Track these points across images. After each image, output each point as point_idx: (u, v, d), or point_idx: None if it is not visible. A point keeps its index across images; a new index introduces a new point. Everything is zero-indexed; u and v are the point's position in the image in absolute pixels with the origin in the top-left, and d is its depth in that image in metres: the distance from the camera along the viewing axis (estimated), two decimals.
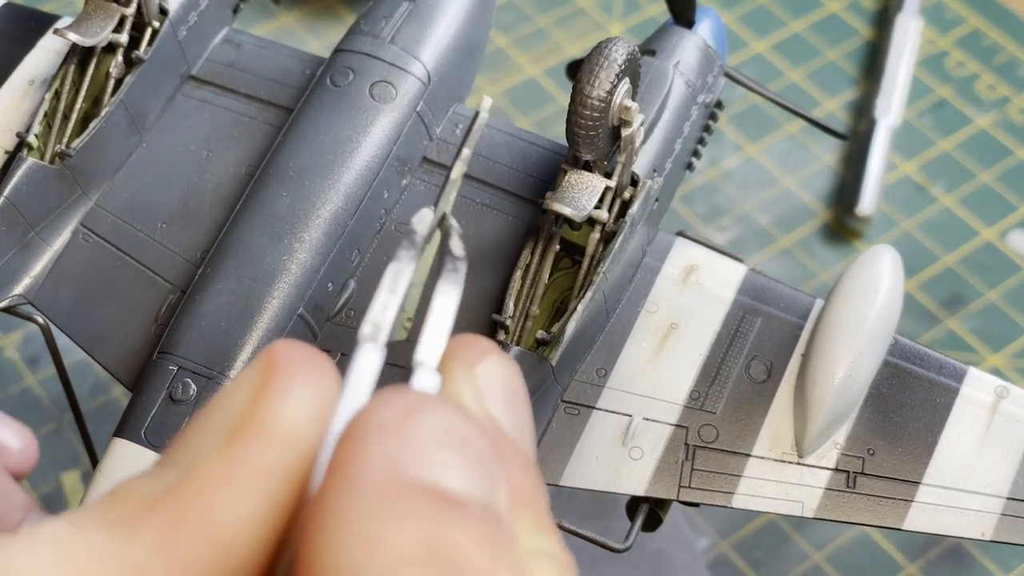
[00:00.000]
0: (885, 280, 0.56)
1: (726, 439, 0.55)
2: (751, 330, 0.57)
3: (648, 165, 0.58)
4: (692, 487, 0.54)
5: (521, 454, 0.30)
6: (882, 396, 0.56)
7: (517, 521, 0.29)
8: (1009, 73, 1.02)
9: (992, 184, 0.97)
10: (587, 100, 0.53)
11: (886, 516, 0.54)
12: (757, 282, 0.58)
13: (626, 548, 0.54)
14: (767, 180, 0.96)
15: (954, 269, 0.92)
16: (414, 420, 0.28)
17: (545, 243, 0.56)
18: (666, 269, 0.59)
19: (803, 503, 0.54)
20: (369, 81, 0.59)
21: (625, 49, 0.53)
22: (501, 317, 0.54)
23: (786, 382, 0.56)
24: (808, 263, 0.93)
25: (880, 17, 1.05)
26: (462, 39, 0.62)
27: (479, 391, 0.31)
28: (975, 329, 0.90)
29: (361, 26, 0.62)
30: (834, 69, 1.02)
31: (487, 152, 0.61)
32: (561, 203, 0.55)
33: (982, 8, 1.06)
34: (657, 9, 1.03)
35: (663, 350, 0.57)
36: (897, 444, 0.55)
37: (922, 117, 1.00)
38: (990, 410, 0.56)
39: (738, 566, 0.80)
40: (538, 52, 1.02)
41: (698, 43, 0.62)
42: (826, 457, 0.55)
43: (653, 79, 0.59)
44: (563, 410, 0.55)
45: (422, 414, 0.28)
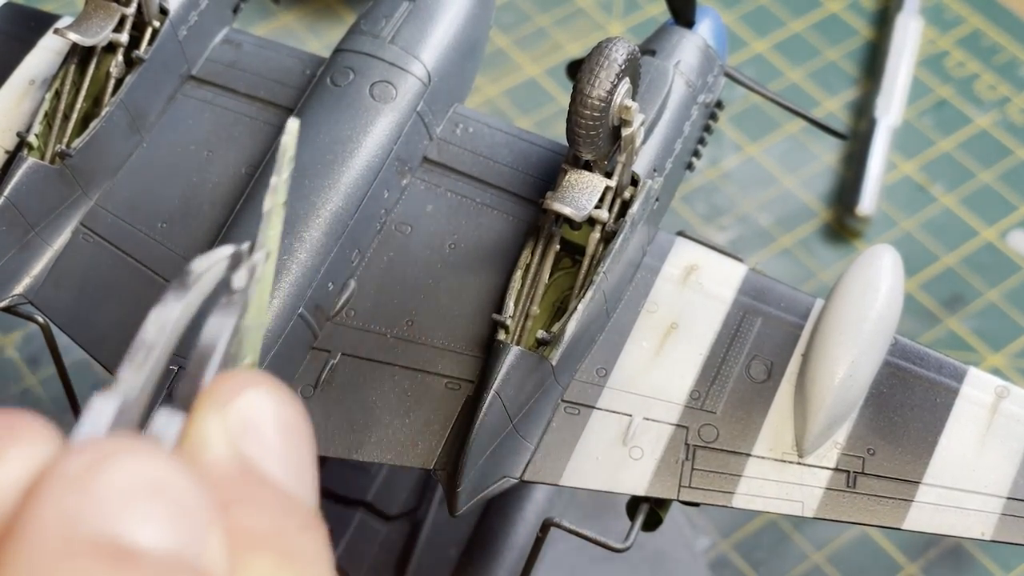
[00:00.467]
0: (885, 280, 0.56)
1: (726, 439, 0.55)
2: (751, 330, 0.57)
3: (648, 165, 0.58)
4: (692, 487, 0.54)
5: (274, 490, 0.29)
6: (882, 396, 0.56)
7: (249, 565, 0.27)
8: (1009, 73, 1.02)
9: (992, 184, 0.97)
10: (587, 100, 0.53)
11: (886, 516, 0.54)
12: (757, 282, 0.58)
13: (626, 548, 0.54)
14: (767, 180, 0.96)
15: (954, 269, 0.92)
16: (100, 470, 0.25)
17: (545, 243, 0.56)
18: (666, 269, 0.59)
19: (803, 503, 0.54)
20: (369, 81, 0.59)
21: (625, 49, 0.53)
22: (501, 317, 0.54)
23: (786, 382, 0.56)
24: (808, 263, 0.93)
25: (880, 17, 1.05)
26: (462, 39, 0.62)
27: (229, 430, 0.29)
28: (975, 329, 0.90)
29: (361, 26, 0.62)
30: (834, 69, 1.02)
31: (487, 152, 0.61)
32: (561, 203, 0.55)
33: (982, 8, 1.06)
34: (657, 9, 1.03)
35: (663, 350, 0.57)
36: (897, 444, 0.55)
37: (922, 117, 1.00)
38: (990, 410, 0.56)
39: (738, 566, 0.80)
40: (538, 52, 1.02)
41: (698, 43, 0.62)
42: (826, 457, 0.55)
43: (653, 79, 0.59)
44: (563, 410, 0.55)
45: (111, 463, 0.26)
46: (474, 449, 0.52)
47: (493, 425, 0.52)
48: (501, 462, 0.53)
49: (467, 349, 0.55)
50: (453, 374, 0.55)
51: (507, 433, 0.53)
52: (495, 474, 0.53)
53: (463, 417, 0.54)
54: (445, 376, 0.55)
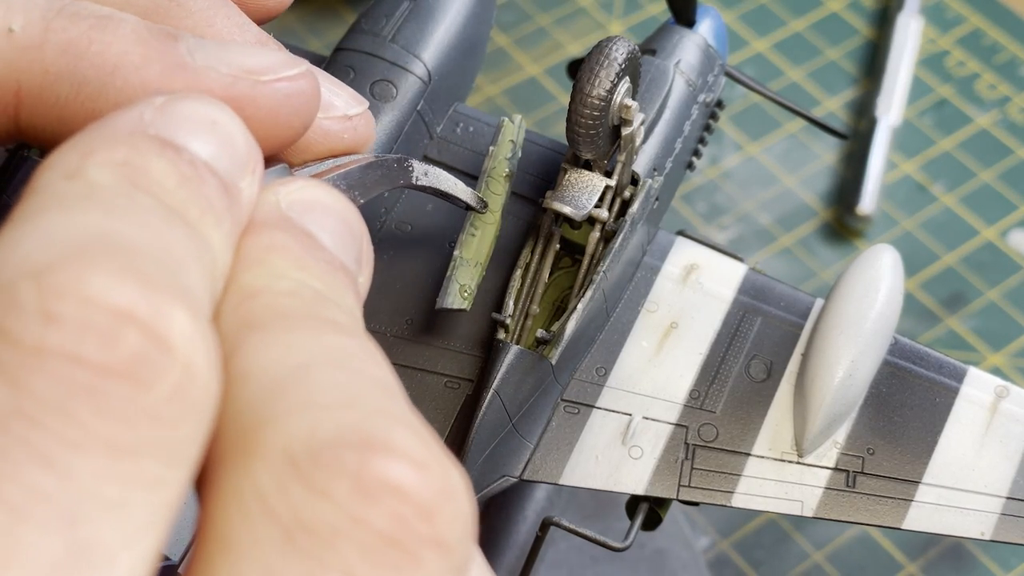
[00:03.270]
0: (885, 279, 0.56)
1: (726, 438, 0.55)
2: (751, 329, 0.57)
3: (648, 164, 0.58)
4: (692, 486, 0.54)
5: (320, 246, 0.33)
6: (882, 395, 0.56)
7: (267, 259, 0.32)
8: (1010, 72, 1.02)
9: (993, 183, 0.97)
10: (587, 99, 0.53)
11: (886, 516, 0.54)
12: (757, 281, 0.58)
13: (626, 547, 0.54)
14: (768, 179, 0.96)
15: (955, 268, 0.92)
16: (175, 100, 0.32)
17: (545, 242, 0.56)
18: (666, 268, 0.59)
19: (803, 502, 0.54)
20: (370, 80, 0.59)
21: (625, 48, 0.53)
22: (501, 316, 0.54)
23: (786, 381, 0.56)
24: (808, 262, 0.93)
25: (881, 16, 1.05)
26: (463, 38, 0.62)
27: (293, 198, 0.34)
28: (976, 328, 0.90)
29: (362, 25, 0.61)
30: (834, 68, 1.02)
31: (486, 151, 0.61)
32: (561, 202, 0.55)
33: (983, 7, 1.06)
34: (658, 8, 1.03)
35: (663, 349, 0.57)
36: (897, 443, 0.55)
37: (923, 116, 1.00)
38: (990, 410, 0.56)
39: (738, 565, 0.80)
40: (538, 51, 1.02)
41: (699, 42, 0.62)
42: (826, 456, 0.55)
43: (654, 78, 0.59)
44: (563, 409, 0.55)
45: (185, 99, 0.32)
46: (473, 448, 0.52)
47: (492, 424, 0.52)
48: (500, 461, 0.53)
49: (467, 348, 0.55)
50: (453, 373, 0.55)
51: (506, 432, 0.53)
52: (494, 473, 0.53)
53: (462, 416, 0.54)
54: (445, 375, 0.55)
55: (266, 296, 0.31)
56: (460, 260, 0.55)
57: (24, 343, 0.26)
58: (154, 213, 0.29)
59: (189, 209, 0.30)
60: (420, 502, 0.27)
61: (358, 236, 0.36)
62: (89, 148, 0.30)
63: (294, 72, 0.38)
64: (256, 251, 0.32)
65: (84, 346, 0.26)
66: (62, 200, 0.29)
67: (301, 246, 0.33)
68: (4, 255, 0.27)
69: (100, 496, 0.26)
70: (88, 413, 0.26)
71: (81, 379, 0.26)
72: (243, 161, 0.33)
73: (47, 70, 0.36)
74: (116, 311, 0.26)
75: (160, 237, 0.29)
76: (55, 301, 0.26)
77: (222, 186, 0.31)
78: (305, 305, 0.31)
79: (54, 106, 0.36)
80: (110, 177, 0.29)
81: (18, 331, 0.26)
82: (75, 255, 0.27)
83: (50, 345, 0.26)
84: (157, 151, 0.30)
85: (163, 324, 0.27)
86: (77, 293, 0.26)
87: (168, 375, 0.27)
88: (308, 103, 0.38)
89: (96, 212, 0.28)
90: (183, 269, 0.29)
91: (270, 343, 0.30)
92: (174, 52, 0.36)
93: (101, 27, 0.36)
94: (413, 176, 0.48)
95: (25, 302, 0.26)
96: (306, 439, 0.27)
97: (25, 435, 0.25)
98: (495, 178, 0.57)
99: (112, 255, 0.27)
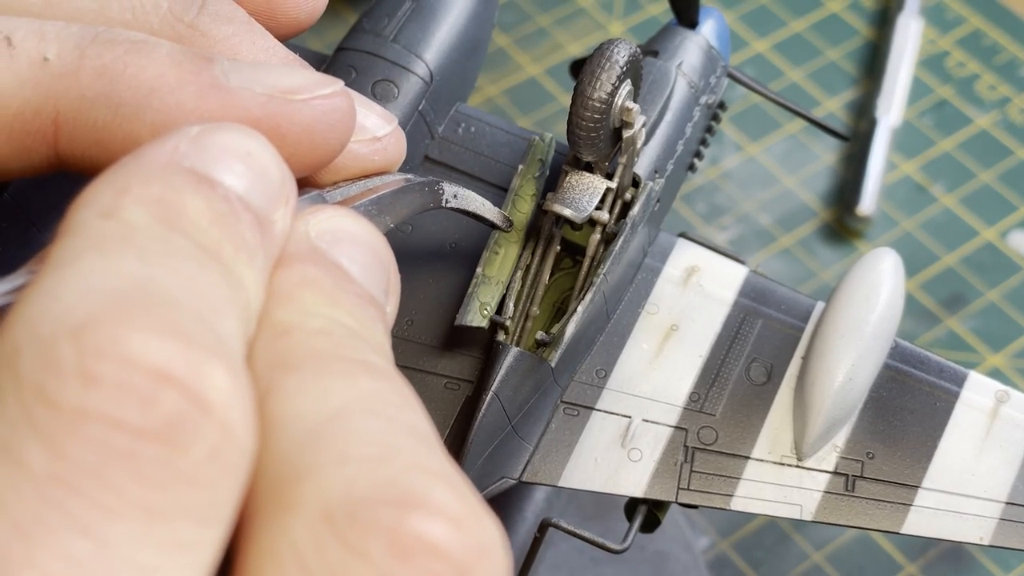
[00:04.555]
0: (886, 283, 0.56)
1: (725, 441, 0.55)
2: (752, 332, 0.57)
3: (650, 166, 0.58)
4: (691, 489, 0.54)
5: (347, 276, 0.33)
6: (882, 399, 0.56)
7: (297, 294, 0.32)
8: (1010, 73, 1.02)
9: (992, 184, 0.97)
10: (588, 102, 0.53)
11: (885, 520, 0.54)
12: (758, 284, 0.58)
13: (624, 549, 0.54)
14: (767, 180, 0.96)
15: (954, 269, 0.92)
16: (212, 131, 0.32)
17: (545, 244, 0.56)
18: (667, 270, 0.58)
19: (802, 506, 0.54)
20: (371, 79, 0.59)
21: (627, 51, 0.53)
22: (501, 318, 0.54)
23: (786, 385, 0.56)
24: (808, 263, 0.93)
25: (881, 17, 1.05)
26: (465, 38, 0.62)
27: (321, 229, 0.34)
28: (975, 329, 0.90)
29: (364, 24, 0.61)
30: (835, 69, 1.02)
31: (489, 151, 0.60)
32: (561, 204, 0.55)
33: (983, 8, 1.06)
34: (658, 8, 1.03)
35: (663, 351, 0.57)
36: (897, 448, 0.55)
37: (923, 117, 1.00)
38: (990, 414, 0.56)
39: (738, 565, 0.81)
40: (538, 51, 1.02)
41: (701, 44, 0.62)
42: (825, 460, 0.54)
43: (655, 80, 0.59)
44: (563, 411, 0.55)
45: (222, 129, 0.32)
46: (472, 449, 0.52)
47: (491, 426, 0.52)
48: (500, 463, 0.53)
49: (467, 349, 0.55)
50: (453, 374, 0.55)
51: (506, 434, 0.53)
52: (494, 475, 0.53)
53: (462, 417, 0.54)
54: (444, 376, 0.54)
55: (298, 335, 0.31)
56: (482, 278, 0.55)
57: (63, 405, 0.26)
58: (189, 256, 0.29)
59: (223, 248, 0.30)
60: (455, 561, 0.27)
61: (386, 266, 0.36)
62: (124, 184, 0.30)
63: (329, 91, 0.38)
64: (288, 286, 0.32)
65: (123, 409, 0.26)
66: (99, 243, 0.29)
67: (332, 280, 0.33)
68: (44, 305, 0.27)
69: (135, 562, 0.25)
70: (125, 479, 0.26)
71: (119, 443, 0.26)
72: (277, 192, 0.33)
73: (83, 95, 0.36)
74: (154, 371, 0.26)
75: (195, 283, 0.29)
76: (94, 361, 0.26)
77: (256, 221, 0.32)
78: (337, 345, 0.31)
79: (92, 130, 0.37)
80: (145, 217, 0.29)
81: (57, 392, 0.26)
82: (113, 310, 0.27)
83: (89, 408, 0.26)
84: (192, 187, 0.30)
85: (201, 383, 0.27)
86: (116, 353, 0.26)
87: (205, 436, 0.27)
88: (344, 121, 0.38)
89: (132, 257, 0.28)
90: (219, 316, 0.29)
91: (304, 388, 0.30)
92: (209, 73, 0.37)
93: (136, 51, 0.37)
94: (443, 199, 0.49)
95: (64, 362, 0.26)
96: (343, 495, 0.27)
97: (62, 501, 0.25)
98: (522, 196, 0.57)
99: (149, 308, 0.27)
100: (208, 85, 0.36)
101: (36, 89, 0.37)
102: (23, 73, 0.37)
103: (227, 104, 0.36)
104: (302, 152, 0.37)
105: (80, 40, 0.37)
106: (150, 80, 0.36)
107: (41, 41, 0.37)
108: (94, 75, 0.36)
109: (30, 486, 0.25)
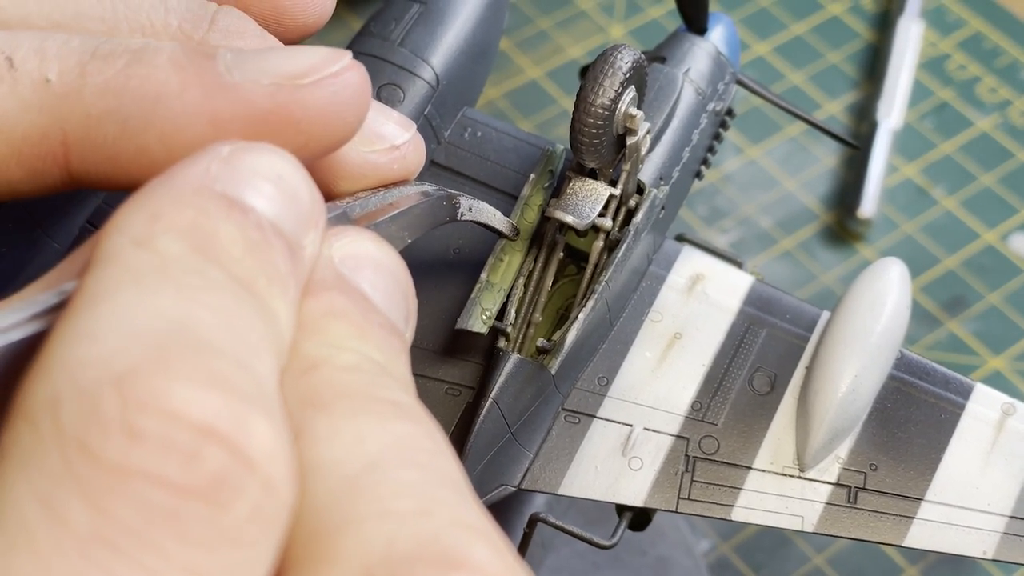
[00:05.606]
0: (892, 293, 0.56)
1: (727, 451, 0.54)
2: (756, 341, 0.57)
3: (655, 173, 0.58)
4: (691, 499, 0.54)
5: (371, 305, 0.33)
6: (887, 411, 0.55)
7: (327, 326, 0.32)
8: (1010, 76, 1.02)
9: (993, 187, 0.96)
10: (591, 108, 0.53)
11: (887, 532, 0.53)
12: (764, 293, 0.58)
13: (612, 545, 0.54)
14: (768, 182, 0.96)
15: (955, 272, 0.92)
16: (244, 151, 0.32)
17: (548, 250, 0.56)
18: (672, 278, 0.58)
19: (803, 517, 0.53)
20: (377, 84, 0.59)
21: (631, 57, 0.53)
22: (502, 324, 0.54)
23: (790, 394, 0.55)
24: (809, 266, 0.92)
25: (881, 20, 1.05)
26: (473, 42, 0.62)
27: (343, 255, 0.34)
28: (976, 332, 0.90)
29: (371, 28, 0.61)
30: (835, 72, 1.02)
31: (495, 157, 0.60)
32: (563, 211, 0.54)
33: (984, 11, 1.06)
34: (659, 11, 1.03)
35: (666, 360, 0.56)
36: (900, 460, 0.54)
37: (923, 120, 1.00)
38: (996, 427, 0.55)
39: (739, 568, 0.80)
40: (539, 54, 1.02)
41: (709, 50, 0.62)
42: (828, 471, 0.54)
43: (662, 86, 0.59)
44: (563, 418, 0.55)
45: (254, 150, 0.32)
46: (471, 456, 0.52)
47: (491, 433, 0.52)
48: (499, 470, 0.53)
49: (469, 355, 0.55)
50: (454, 380, 0.54)
51: (505, 441, 0.53)
52: (493, 482, 0.53)
53: (462, 423, 0.53)
54: (446, 382, 0.54)
55: (327, 370, 0.31)
56: (486, 284, 0.54)
57: (106, 461, 0.25)
58: (225, 291, 0.29)
59: (257, 279, 0.30)
60: None
61: (406, 292, 0.36)
62: (157, 209, 0.30)
63: (337, 67, 0.37)
64: (315, 316, 0.32)
65: (167, 466, 0.25)
66: (135, 276, 0.28)
67: (359, 311, 0.33)
68: (83, 349, 0.27)
69: None
70: (167, 538, 0.25)
71: (162, 502, 0.25)
72: (307, 217, 0.32)
73: (89, 113, 0.36)
74: (198, 426, 0.26)
75: (232, 321, 0.28)
76: (137, 415, 0.26)
77: (288, 249, 0.31)
78: (368, 384, 0.31)
79: (102, 147, 0.36)
80: (179, 246, 0.29)
81: (101, 448, 0.25)
82: (155, 357, 0.26)
83: (133, 465, 0.25)
84: (224, 214, 0.30)
85: (244, 438, 0.26)
86: (159, 406, 0.26)
87: (248, 494, 0.26)
88: (358, 96, 0.37)
89: (169, 294, 0.28)
90: (256, 357, 0.28)
91: (338, 431, 0.29)
92: (212, 72, 0.36)
93: (137, 60, 0.36)
94: (459, 212, 0.49)
95: (108, 415, 0.25)
96: (384, 552, 0.27)
97: (104, 561, 0.25)
98: (531, 206, 0.57)
99: (191, 355, 0.27)
100: (213, 85, 0.36)
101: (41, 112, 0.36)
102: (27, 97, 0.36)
103: (234, 101, 0.35)
104: (318, 136, 0.36)
105: (81, 56, 0.36)
106: (154, 89, 0.36)
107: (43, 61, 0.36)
108: (98, 93, 0.36)
109: (72, 544, 0.25)
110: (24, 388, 0.27)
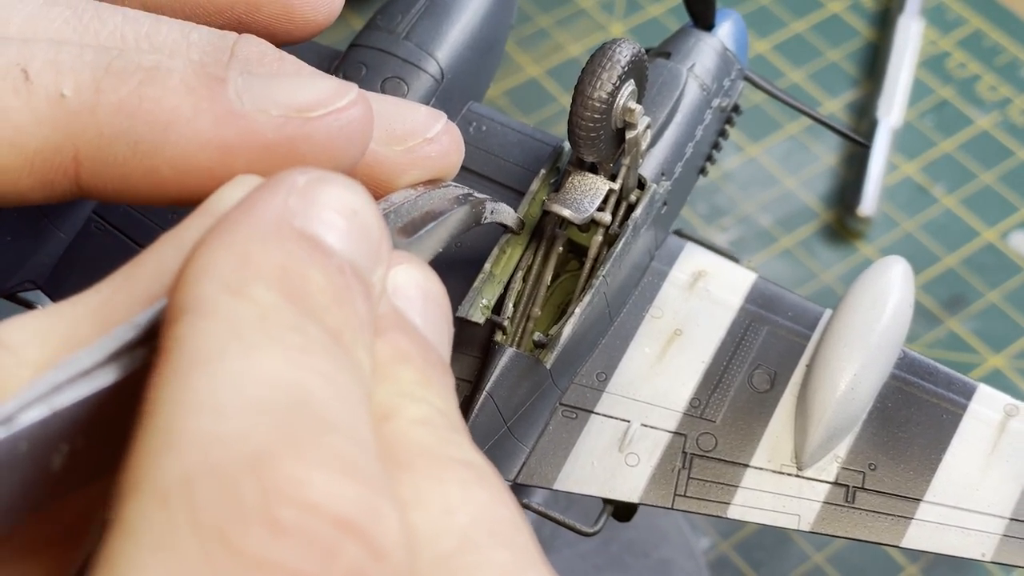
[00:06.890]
0: (894, 292, 0.55)
1: (725, 449, 0.54)
2: (757, 339, 0.56)
3: (657, 168, 0.57)
4: (688, 496, 0.53)
5: (420, 335, 0.33)
6: (887, 410, 0.55)
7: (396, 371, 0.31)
8: (1010, 74, 1.02)
9: (993, 185, 0.96)
10: (588, 101, 0.52)
11: (884, 533, 0.53)
12: (766, 290, 0.57)
13: (595, 532, 0.54)
14: (768, 180, 0.96)
15: (955, 270, 0.92)
16: (319, 183, 0.31)
17: (548, 245, 0.56)
18: (674, 274, 0.58)
19: (800, 516, 0.53)
20: (381, 77, 0.58)
21: (630, 50, 0.53)
22: (499, 318, 0.54)
23: (789, 393, 0.55)
24: (809, 264, 0.92)
25: (881, 18, 1.05)
26: (479, 37, 0.61)
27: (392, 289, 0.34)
28: (976, 330, 0.90)
29: (377, 21, 0.61)
30: (835, 70, 1.02)
31: (499, 151, 0.60)
32: (561, 204, 0.54)
33: (984, 9, 1.06)
34: (659, 9, 1.02)
35: (666, 356, 0.56)
36: (900, 460, 0.54)
37: (923, 118, 1.00)
38: (998, 428, 0.55)
39: (739, 566, 0.80)
40: (539, 52, 1.02)
41: (716, 46, 0.61)
42: (826, 470, 0.54)
43: (665, 82, 0.58)
44: (561, 413, 0.54)
45: (328, 182, 0.31)
46: None
47: (486, 426, 0.52)
48: (495, 464, 0.53)
49: (467, 349, 0.54)
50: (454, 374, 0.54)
51: (501, 435, 0.53)
52: None
53: None
54: None
55: (401, 423, 0.30)
56: (489, 275, 0.54)
57: (248, 555, 0.25)
58: (324, 351, 0.28)
59: (345, 332, 0.30)
60: None
61: (449, 319, 0.35)
62: (243, 251, 0.29)
63: (345, 102, 0.37)
64: (383, 359, 0.31)
65: (307, 562, 0.25)
66: (237, 332, 0.28)
67: (420, 353, 0.32)
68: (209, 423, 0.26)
69: None
70: None
71: None
72: (377, 252, 0.32)
73: (102, 133, 0.36)
74: (338, 520, 0.25)
75: (338, 388, 0.28)
76: (279, 506, 0.25)
77: (364, 291, 0.31)
78: (441, 441, 0.31)
79: (112, 165, 0.36)
80: (273, 296, 0.29)
81: (241, 539, 0.25)
82: (285, 438, 0.26)
83: (274, 559, 0.25)
84: (309, 257, 0.30)
85: (379, 530, 0.26)
86: (299, 497, 0.25)
87: None
88: (361, 131, 0.38)
89: (276, 354, 0.28)
90: (362, 423, 0.28)
91: (424, 499, 0.29)
92: (223, 98, 0.36)
93: (150, 80, 0.36)
94: (484, 216, 0.49)
95: (248, 504, 0.25)
96: None
97: None
98: (537, 201, 0.57)
99: (316, 433, 0.26)
100: (224, 112, 0.36)
101: (55, 127, 0.36)
102: (41, 111, 0.36)
103: (243, 131, 0.36)
104: (321, 165, 0.36)
105: (95, 70, 0.36)
106: (166, 113, 0.36)
107: (58, 74, 0.36)
108: (111, 112, 0.36)
109: None
110: (142, 457, 0.26)
